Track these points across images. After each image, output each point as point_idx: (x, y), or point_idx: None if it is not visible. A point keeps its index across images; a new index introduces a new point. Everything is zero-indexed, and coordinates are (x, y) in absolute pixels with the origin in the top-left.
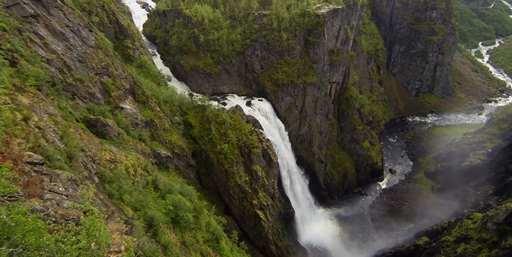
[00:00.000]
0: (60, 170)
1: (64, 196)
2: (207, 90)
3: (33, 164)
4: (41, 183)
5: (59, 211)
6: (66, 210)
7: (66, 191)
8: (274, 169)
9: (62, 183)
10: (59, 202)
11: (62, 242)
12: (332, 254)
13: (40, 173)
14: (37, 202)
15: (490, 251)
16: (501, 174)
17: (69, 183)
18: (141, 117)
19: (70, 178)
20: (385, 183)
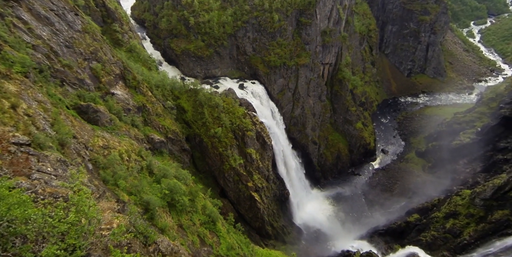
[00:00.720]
0: (49, 151)
1: (53, 176)
2: (199, 73)
3: (19, 145)
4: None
5: (47, 189)
6: (54, 188)
7: (55, 171)
8: (268, 151)
9: (50, 164)
10: (47, 181)
11: (50, 216)
12: (327, 233)
13: (26, 153)
14: (24, 180)
15: (477, 225)
16: (489, 151)
17: (58, 164)
18: (133, 102)
19: (59, 159)
20: (378, 163)
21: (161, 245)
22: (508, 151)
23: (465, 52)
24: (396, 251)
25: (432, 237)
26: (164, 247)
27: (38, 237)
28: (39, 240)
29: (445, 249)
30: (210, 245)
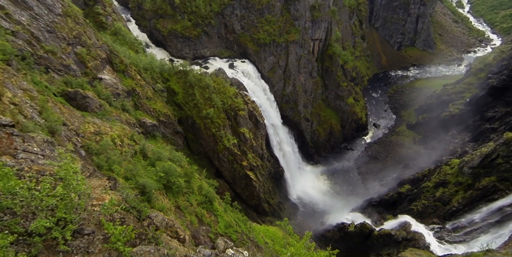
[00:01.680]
0: (35, 133)
1: (40, 156)
2: (188, 54)
3: (2, 126)
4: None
5: (34, 167)
6: (41, 166)
7: (42, 152)
8: (261, 130)
9: (37, 144)
10: (34, 160)
11: (36, 190)
12: (322, 207)
13: (10, 134)
14: (9, 159)
15: (465, 192)
16: (478, 121)
17: (45, 144)
18: (122, 87)
19: (46, 140)
20: (370, 137)
21: (155, 219)
22: (495, 120)
23: (455, 23)
24: (389, 221)
25: (422, 206)
26: (158, 221)
27: (27, 211)
28: (28, 215)
29: (435, 216)
30: (208, 224)
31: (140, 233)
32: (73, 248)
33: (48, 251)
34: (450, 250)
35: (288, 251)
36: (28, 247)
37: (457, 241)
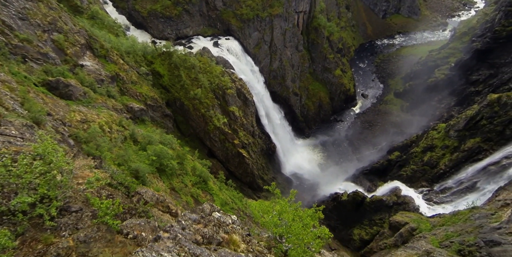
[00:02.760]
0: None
1: (19, 139)
2: (170, 35)
3: None
4: None
5: (11, 148)
6: (20, 147)
7: (22, 135)
8: (250, 107)
9: (15, 128)
10: (12, 142)
11: (13, 166)
12: (315, 180)
13: None
14: None
15: (451, 155)
16: (462, 85)
17: (25, 128)
18: (105, 72)
19: (25, 124)
20: (359, 108)
21: (145, 195)
22: (479, 83)
23: None
24: (380, 187)
25: (411, 171)
26: (148, 197)
27: (8, 190)
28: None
29: (424, 180)
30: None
31: (130, 208)
32: (61, 225)
33: (35, 229)
34: (438, 210)
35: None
36: (14, 226)
37: (445, 201)
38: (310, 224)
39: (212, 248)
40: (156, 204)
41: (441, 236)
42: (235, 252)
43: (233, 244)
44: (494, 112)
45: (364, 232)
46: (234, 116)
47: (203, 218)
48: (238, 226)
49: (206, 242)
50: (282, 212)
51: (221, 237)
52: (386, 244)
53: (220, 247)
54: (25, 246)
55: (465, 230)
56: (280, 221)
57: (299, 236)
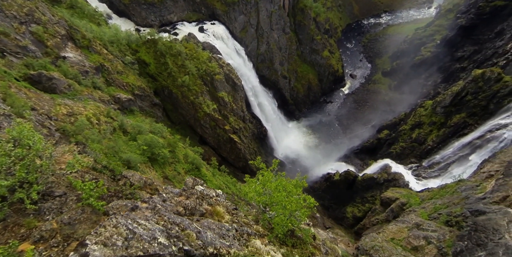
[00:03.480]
0: None
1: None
2: (154, 22)
3: None
4: None
5: None
6: None
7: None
8: (239, 92)
9: None
10: None
11: None
12: (308, 161)
13: None
14: None
15: (438, 131)
16: (448, 62)
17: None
18: (89, 63)
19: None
20: (348, 88)
21: (132, 178)
22: (464, 59)
23: None
24: (371, 166)
25: (401, 148)
26: (136, 180)
27: None
28: None
29: (412, 156)
30: None
31: (116, 190)
32: (44, 210)
33: (17, 214)
34: (427, 185)
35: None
36: None
37: (433, 176)
38: (293, 192)
39: (195, 219)
40: (144, 187)
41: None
42: (218, 222)
43: (217, 215)
44: (479, 88)
45: (357, 209)
46: (224, 102)
47: (185, 191)
48: (223, 199)
49: (188, 213)
50: (265, 181)
51: (205, 208)
52: (378, 219)
53: (203, 218)
54: (7, 231)
55: (452, 202)
56: (262, 190)
57: (282, 203)
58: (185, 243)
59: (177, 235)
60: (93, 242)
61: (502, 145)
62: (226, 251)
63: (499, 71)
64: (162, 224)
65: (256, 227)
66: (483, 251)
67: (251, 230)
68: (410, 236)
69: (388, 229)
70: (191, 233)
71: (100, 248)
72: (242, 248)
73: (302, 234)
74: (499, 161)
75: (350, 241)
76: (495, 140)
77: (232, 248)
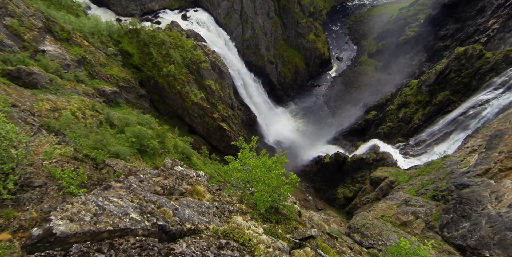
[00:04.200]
0: None
1: None
2: (135, 11)
3: None
4: None
5: None
6: None
7: None
8: (227, 79)
9: None
10: None
11: None
12: (298, 146)
13: None
14: None
15: (424, 109)
16: (432, 41)
17: None
18: (70, 56)
19: None
20: (334, 71)
21: (116, 167)
22: (447, 37)
23: None
24: (360, 147)
25: (388, 128)
26: (120, 168)
27: None
28: None
29: (400, 135)
30: None
31: (100, 178)
32: (24, 200)
33: None
34: (414, 162)
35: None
36: None
37: (420, 153)
38: (273, 168)
39: (174, 198)
40: (129, 174)
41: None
42: (199, 201)
43: (198, 194)
44: (461, 65)
45: (348, 190)
46: (211, 90)
47: (163, 171)
48: (204, 179)
49: (167, 193)
50: (244, 158)
51: (184, 188)
52: (368, 198)
53: (182, 197)
54: None
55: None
56: (242, 167)
57: (262, 178)
58: (159, 219)
59: (151, 211)
60: (58, 217)
61: (484, 120)
62: (204, 227)
63: (481, 48)
64: (137, 202)
65: (239, 205)
66: (468, 222)
67: (233, 207)
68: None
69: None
70: (168, 210)
71: (66, 223)
72: (222, 224)
73: (286, 211)
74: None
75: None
76: (477, 115)
77: (211, 224)
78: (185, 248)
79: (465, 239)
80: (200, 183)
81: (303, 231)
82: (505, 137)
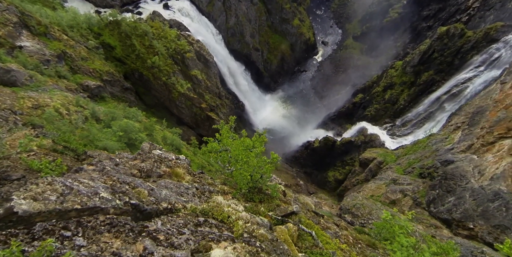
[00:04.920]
0: None
1: None
2: (115, 2)
3: None
4: None
5: None
6: None
7: None
8: (212, 68)
9: None
10: None
11: None
12: (287, 131)
13: None
14: None
15: (409, 90)
16: (415, 22)
17: None
18: (49, 51)
19: None
20: (320, 56)
21: (98, 158)
22: (430, 17)
23: None
24: (348, 130)
25: (375, 110)
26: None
27: None
28: None
29: (386, 117)
30: None
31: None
32: (1, 194)
33: None
34: (401, 142)
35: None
36: None
37: (406, 133)
38: (251, 146)
39: (151, 180)
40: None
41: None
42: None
43: (177, 176)
44: (444, 45)
45: (338, 173)
46: (197, 80)
47: (140, 155)
48: (184, 162)
49: (144, 175)
50: (223, 138)
51: (163, 171)
52: (358, 180)
53: (160, 179)
54: None
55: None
56: (220, 146)
57: (240, 157)
58: (132, 198)
59: (124, 191)
60: (20, 197)
61: (467, 98)
62: (182, 206)
63: (462, 27)
64: (110, 183)
65: (221, 187)
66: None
67: (214, 188)
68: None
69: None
70: (143, 190)
71: (29, 202)
72: (201, 204)
73: (270, 191)
74: (464, 113)
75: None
76: (460, 93)
77: (189, 203)
78: (160, 226)
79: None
80: (180, 166)
81: (285, 208)
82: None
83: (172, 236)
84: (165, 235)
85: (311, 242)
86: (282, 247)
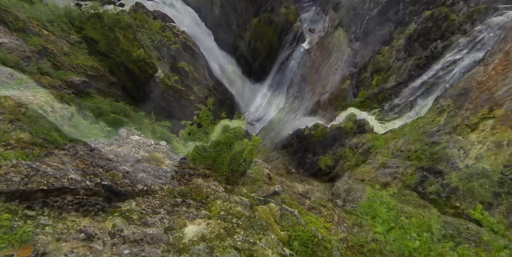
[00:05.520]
0: None
1: None
2: None
3: None
4: None
5: None
6: None
7: None
8: (200, 60)
9: None
10: None
11: None
12: (277, 121)
13: None
14: None
15: (396, 75)
16: (402, 6)
17: None
18: (30, 47)
19: None
20: (308, 43)
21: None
22: (415, 1)
23: None
24: (337, 116)
25: (363, 96)
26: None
27: None
28: None
29: (375, 102)
30: None
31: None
32: None
33: None
34: (390, 127)
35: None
36: None
37: (394, 118)
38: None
39: (128, 164)
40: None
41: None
42: (156, 166)
43: (155, 161)
44: (429, 28)
45: (329, 159)
46: (185, 72)
47: (117, 140)
48: (164, 148)
49: (121, 160)
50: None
51: (141, 155)
52: (349, 165)
53: (138, 163)
54: None
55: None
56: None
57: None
58: (104, 179)
59: (95, 172)
60: None
61: (452, 81)
62: (159, 188)
63: (446, 11)
64: (82, 167)
65: (203, 170)
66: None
67: (195, 172)
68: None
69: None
70: (117, 173)
71: None
72: (179, 186)
73: (254, 174)
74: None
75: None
76: (446, 76)
77: (167, 185)
78: (134, 206)
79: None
80: (159, 151)
81: (267, 188)
82: (471, 94)
83: (146, 216)
84: (138, 214)
85: (294, 221)
86: (259, 223)
